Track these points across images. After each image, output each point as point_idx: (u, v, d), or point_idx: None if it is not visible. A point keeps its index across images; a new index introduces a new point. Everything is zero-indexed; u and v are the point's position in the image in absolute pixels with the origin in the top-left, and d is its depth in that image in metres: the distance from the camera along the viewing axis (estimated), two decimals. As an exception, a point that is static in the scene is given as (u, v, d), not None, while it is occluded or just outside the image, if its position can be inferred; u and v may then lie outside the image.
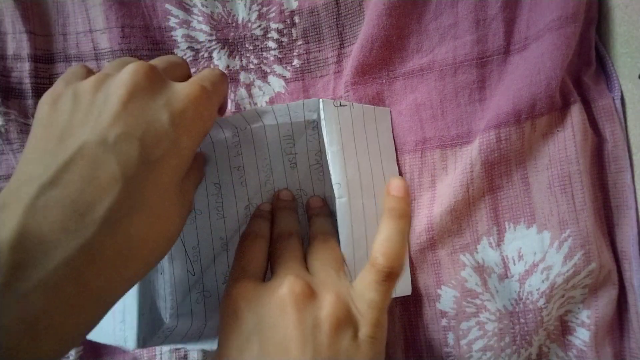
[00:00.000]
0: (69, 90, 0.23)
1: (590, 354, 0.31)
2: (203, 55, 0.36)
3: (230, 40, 0.36)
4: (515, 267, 0.31)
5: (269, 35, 0.36)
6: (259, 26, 0.36)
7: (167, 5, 0.36)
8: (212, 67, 0.35)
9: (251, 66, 0.36)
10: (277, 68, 0.36)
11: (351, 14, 0.35)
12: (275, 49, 0.36)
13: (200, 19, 0.36)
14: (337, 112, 0.29)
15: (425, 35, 0.32)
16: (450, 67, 0.32)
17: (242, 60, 0.36)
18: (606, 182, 0.31)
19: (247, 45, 0.36)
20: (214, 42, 0.36)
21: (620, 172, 0.30)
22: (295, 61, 0.36)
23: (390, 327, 0.33)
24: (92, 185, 0.20)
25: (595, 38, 0.31)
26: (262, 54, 0.36)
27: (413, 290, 0.32)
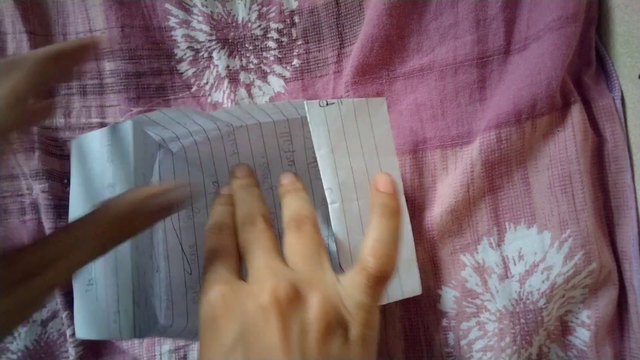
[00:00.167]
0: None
1: (590, 354, 0.31)
2: (203, 55, 0.36)
3: (230, 40, 0.36)
4: (516, 267, 0.31)
5: (269, 35, 0.36)
6: (259, 26, 0.36)
7: (167, 5, 0.36)
8: None
9: (251, 66, 0.36)
10: (277, 68, 0.36)
11: (351, 14, 0.35)
12: (275, 49, 0.36)
13: (200, 18, 0.36)
14: (323, 112, 0.28)
15: (426, 35, 0.32)
16: (451, 67, 0.32)
17: (242, 60, 0.36)
18: (606, 182, 0.31)
19: (247, 45, 0.36)
20: (213, 42, 0.36)
21: (620, 172, 0.30)
22: (295, 61, 0.36)
23: (390, 327, 0.33)
24: None
25: (595, 38, 0.31)
26: (262, 54, 0.36)
27: None
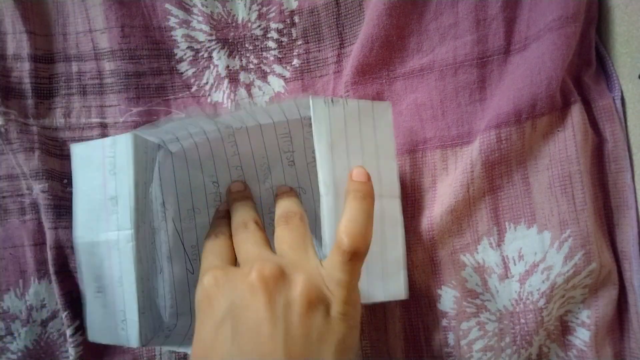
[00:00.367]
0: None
1: (590, 354, 0.31)
2: (203, 55, 0.36)
3: (230, 40, 0.36)
4: (516, 267, 0.31)
5: (269, 35, 0.36)
6: (259, 26, 0.36)
7: (167, 5, 0.36)
8: None
9: (251, 66, 0.36)
10: (276, 68, 0.36)
11: (351, 14, 0.35)
12: (275, 49, 0.36)
13: (200, 18, 0.36)
14: (327, 110, 0.28)
15: (426, 35, 0.32)
16: (451, 67, 0.32)
17: (242, 60, 0.36)
18: (606, 182, 0.31)
19: (247, 45, 0.36)
20: (213, 42, 0.36)
21: (620, 172, 0.30)
22: (295, 61, 0.36)
23: (390, 327, 0.33)
24: None
25: (595, 38, 0.31)
26: (262, 54, 0.36)
27: (413, 290, 0.32)
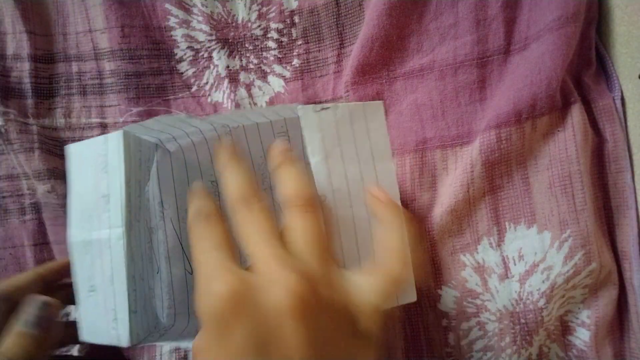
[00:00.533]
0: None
1: (590, 354, 0.31)
2: (203, 55, 0.36)
3: (230, 40, 0.36)
4: (516, 267, 0.31)
5: (269, 35, 0.36)
6: (259, 26, 0.36)
7: (167, 5, 0.36)
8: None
9: (251, 66, 0.36)
10: (276, 68, 0.36)
11: (351, 14, 0.35)
12: (275, 49, 0.36)
13: (200, 18, 0.36)
14: (317, 118, 0.28)
15: (426, 35, 0.32)
16: (451, 67, 0.32)
17: (242, 60, 0.36)
18: (606, 182, 0.31)
19: (247, 45, 0.36)
20: (213, 42, 0.36)
21: (620, 172, 0.30)
22: (295, 61, 0.36)
23: (390, 327, 0.33)
24: None
25: (595, 38, 0.31)
26: (262, 54, 0.36)
27: None
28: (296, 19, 0.35)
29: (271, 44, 0.36)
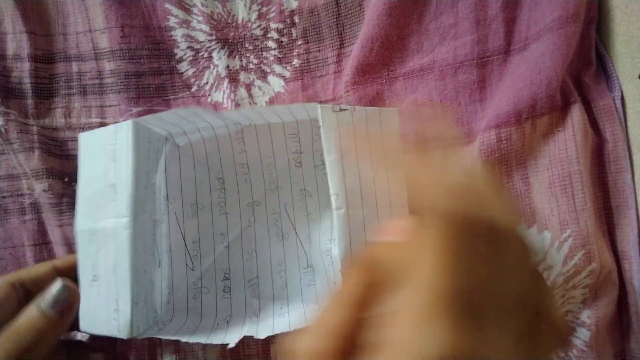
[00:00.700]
0: None
1: (590, 353, 0.31)
2: (203, 55, 0.36)
3: (230, 40, 0.36)
4: (516, 267, 0.31)
5: (269, 35, 0.36)
6: (259, 26, 0.36)
7: (167, 5, 0.36)
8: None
9: (251, 66, 0.36)
10: (276, 68, 0.36)
11: (351, 14, 0.35)
12: (275, 49, 0.36)
13: (200, 18, 0.36)
14: (336, 118, 0.28)
15: (426, 35, 0.32)
16: (451, 67, 0.32)
17: (242, 60, 0.36)
18: (606, 182, 0.31)
19: (247, 45, 0.36)
20: (213, 42, 0.36)
21: (620, 172, 0.30)
22: (295, 61, 0.36)
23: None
24: None
25: (595, 38, 0.31)
26: (262, 54, 0.36)
27: None
28: (296, 19, 0.35)
29: (271, 44, 0.36)
